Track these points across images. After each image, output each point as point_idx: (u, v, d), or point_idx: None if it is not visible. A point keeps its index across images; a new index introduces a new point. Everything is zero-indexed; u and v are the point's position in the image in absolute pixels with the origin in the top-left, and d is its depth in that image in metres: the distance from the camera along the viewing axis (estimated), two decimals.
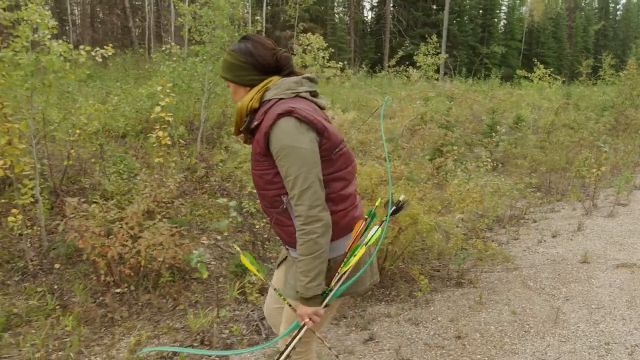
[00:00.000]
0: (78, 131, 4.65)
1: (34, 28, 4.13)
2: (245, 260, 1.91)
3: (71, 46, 3.94)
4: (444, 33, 31.09)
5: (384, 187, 3.35)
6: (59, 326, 3.27)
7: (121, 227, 3.83)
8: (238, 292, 3.73)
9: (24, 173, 4.34)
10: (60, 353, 3.00)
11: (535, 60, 11.37)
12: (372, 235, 1.87)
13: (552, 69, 10.92)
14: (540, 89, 10.89)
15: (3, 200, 4.62)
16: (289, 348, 1.80)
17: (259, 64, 1.78)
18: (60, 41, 3.88)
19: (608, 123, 10.69)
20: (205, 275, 3.29)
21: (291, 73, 1.83)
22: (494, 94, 7.98)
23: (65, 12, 27.62)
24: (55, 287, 3.86)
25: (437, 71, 10.73)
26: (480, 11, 41.75)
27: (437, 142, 4.57)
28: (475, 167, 4.17)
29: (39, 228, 4.39)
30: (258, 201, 1.98)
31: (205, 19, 6.34)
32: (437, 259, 4.08)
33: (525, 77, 10.87)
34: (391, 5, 36.11)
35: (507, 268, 4.26)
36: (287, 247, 1.92)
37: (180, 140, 6.12)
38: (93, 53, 4.11)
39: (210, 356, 2.99)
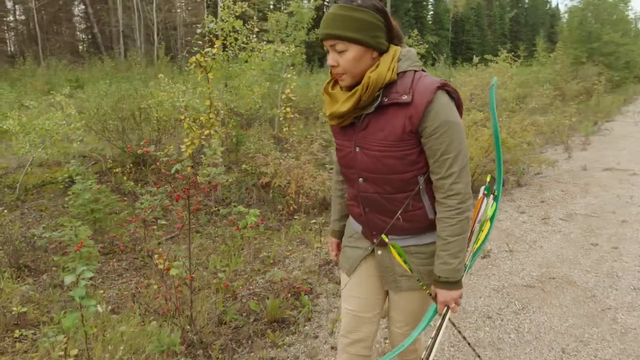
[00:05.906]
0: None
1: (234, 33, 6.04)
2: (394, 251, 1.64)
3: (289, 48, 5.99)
4: None
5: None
6: (289, 234, 5.09)
7: (302, 170, 5.91)
8: None
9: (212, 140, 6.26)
10: (303, 246, 4.70)
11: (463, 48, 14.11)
12: (490, 209, 1.89)
13: (522, 54, 13.65)
14: (501, 70, 13.82)
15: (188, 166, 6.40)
16: (438, 339, 1.63)
17: (391, 27, 1.51)
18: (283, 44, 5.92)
19: (551, 94, 13.88)
20: None
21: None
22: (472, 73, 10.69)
23: None
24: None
25: (422, 59, 13.25)
26: (411, 4, 45.44)
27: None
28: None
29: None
30: None
31: (289, 23, 8.39)
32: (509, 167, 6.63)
33: (491, 60, 13.66)
34: (326, 1, 38.53)
35: (541, 176, 6.86)
36: (398, 237, 1.65)
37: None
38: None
39: None
